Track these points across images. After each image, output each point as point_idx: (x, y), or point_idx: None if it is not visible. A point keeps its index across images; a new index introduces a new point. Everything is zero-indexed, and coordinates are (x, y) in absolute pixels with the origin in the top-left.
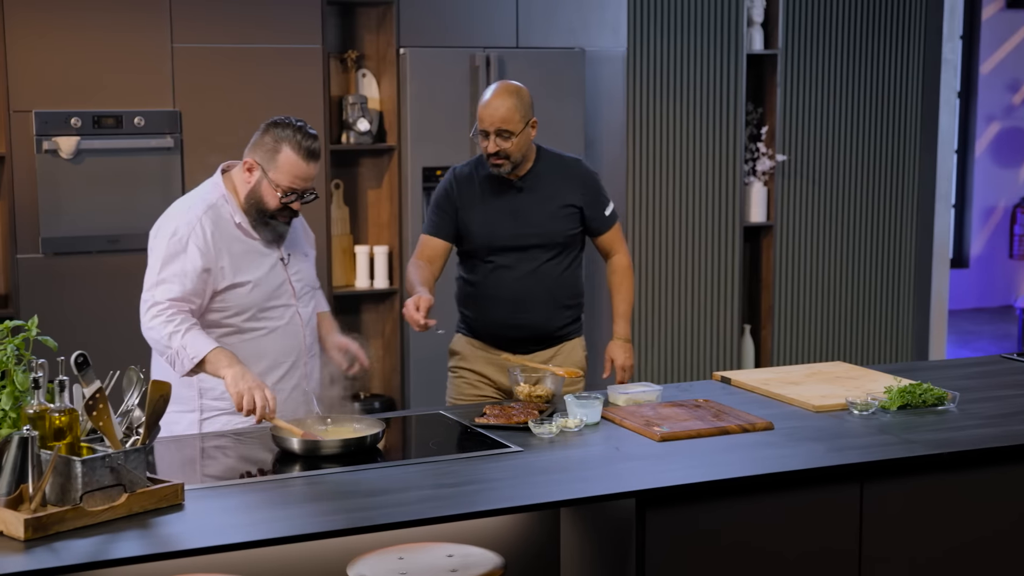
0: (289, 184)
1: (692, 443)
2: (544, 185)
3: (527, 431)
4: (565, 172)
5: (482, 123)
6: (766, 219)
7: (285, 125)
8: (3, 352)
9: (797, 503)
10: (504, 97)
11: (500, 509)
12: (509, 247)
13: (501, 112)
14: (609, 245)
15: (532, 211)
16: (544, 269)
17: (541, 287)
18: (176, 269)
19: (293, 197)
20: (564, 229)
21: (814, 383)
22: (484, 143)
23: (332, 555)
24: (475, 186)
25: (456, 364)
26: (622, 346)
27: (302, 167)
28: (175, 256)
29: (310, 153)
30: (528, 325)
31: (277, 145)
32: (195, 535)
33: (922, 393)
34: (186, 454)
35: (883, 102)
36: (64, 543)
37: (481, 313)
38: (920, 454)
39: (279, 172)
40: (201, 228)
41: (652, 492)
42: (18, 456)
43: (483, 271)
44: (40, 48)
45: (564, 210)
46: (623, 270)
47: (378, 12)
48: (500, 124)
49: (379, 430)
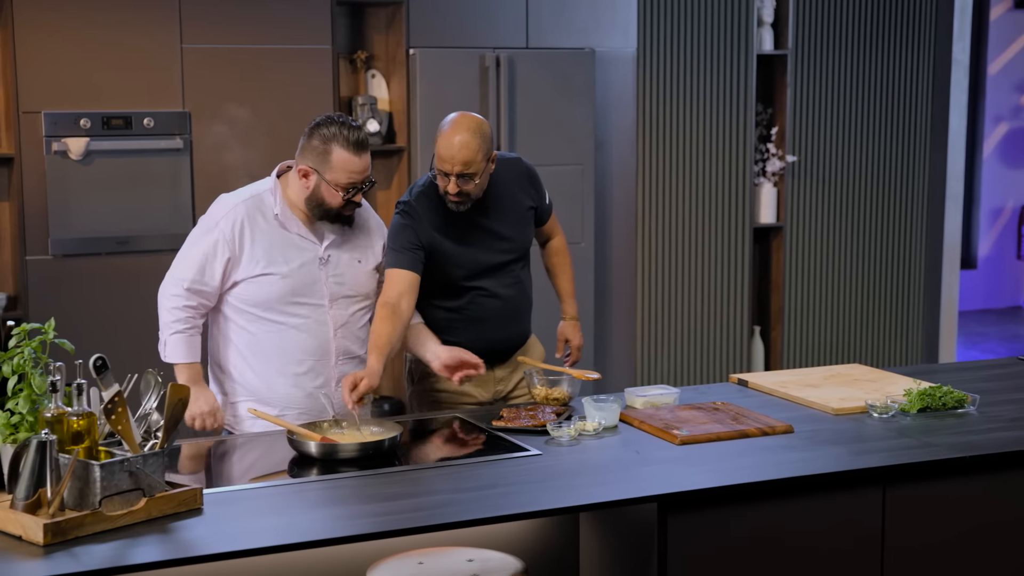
0: (347, 181)
1: (712, 446)
2: (503, 195)
3: (544, 434)
4: (514, 174)
5: (442, 163)
6: (776, 220)
7: (329, 123)
8: (20, 355)
9: (820, 507)
10: (466, 137)
11: (522, 514)
12: (490, 268)
13: (464, 155)
14: (549, 231)
15: (503, 226)
16: (522, 278)
17: (522, 296)
18: (199, 250)
19: (354, 191)
20: (529, 232)
21: (832, 386)
22: (443, 182)
23: (352, 560)
24: (435, 215)
25: (432, 387)
26: (575, 325)
27: (355, 161)
28: (201, 236)
29: (359, 145)
30: (517, 333)
31: (326, 146)
32: (215, 540)
33: (942, 396)
34: (202, 457)
35: (893, 102)
36: (84, 548)
37: (467, 335)
38: (943, 458)
39: (335, 172)
40: (235, 214)
41: (674, 496)
42: (36, 460)
43: (466, 297)
44: (49, 49)
45: (527, 214)
46: (563, 251)
47: (387, 12)
48: (462, 168)
49: (396, 433)
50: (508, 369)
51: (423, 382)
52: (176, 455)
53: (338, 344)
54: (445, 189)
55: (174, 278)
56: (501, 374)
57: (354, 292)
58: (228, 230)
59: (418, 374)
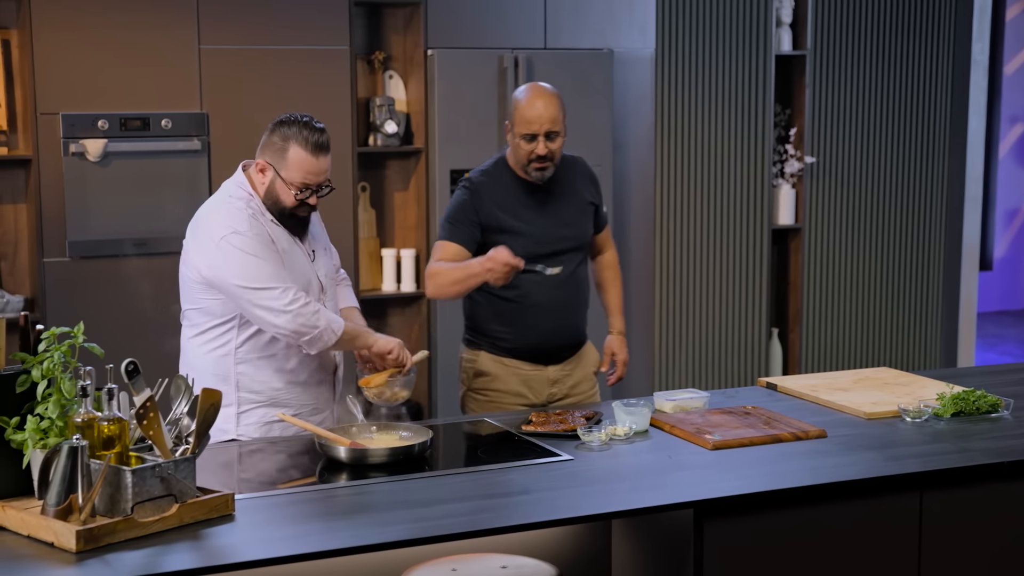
0: (302, 180)
1: (745, 451)
2: (566, 185)
3: (575, 438)
4: (577, 170)
5: (530, 126)
6: (794, 222)
7: (291, 123)
8: (50, 359)
9: (856, 513)
10: (550, 98)
11: (557, 520)
12: (549, 253)
13: (551, 112)
14: (603, 242)
15: (567, 212)
16: (577, 272)
17: (578, 291)
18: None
19: (308, 193)
20: (589, 228)
21: (862, 389)
22: (530, 146)
23: (385, 566)
24: (500, 194)
25: (485, 385)
26: (621, 340)
27: (312, 162)
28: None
29: (318, 147)
30: (571, 330)
31: (285, 144)
32: (248, 547)
33: (976, 400)
34: (229, 462)
35: (912, 103)
36: (116, 555)
37: (522, 326)
38: (981, 463)
39: (290, 170)
40: (252, 223)
41: (711, 502)
42: (67, 466)
43: (524, 282)
44: (67, 51)
45: (588, 208)
46: (615, 266)
47: (405, 13)
48: (550, 125)
49: (427, 438)
50: (562, 371)
51: (476, 380)
52: (206, 460)
53: (337, 359)
54: (533, 153)
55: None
56: (555, 375)
57: (331, 282)
58: (259, 231)
59: (472, 372)
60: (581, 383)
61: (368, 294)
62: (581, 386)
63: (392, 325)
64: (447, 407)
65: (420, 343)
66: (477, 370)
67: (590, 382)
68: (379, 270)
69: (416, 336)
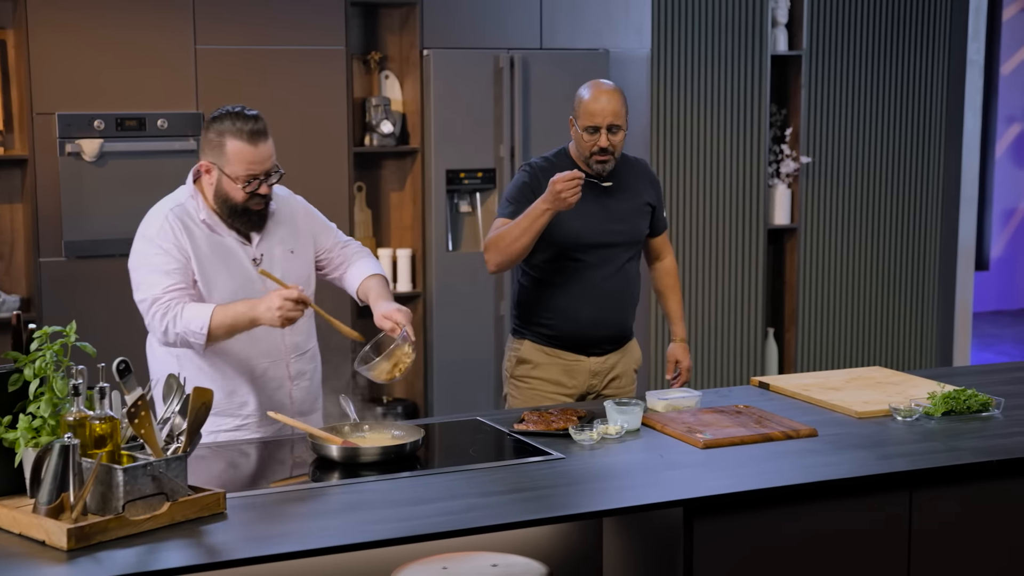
0: (246, 172)
1: (736, 450)
2: (626, 183)
3: (567, 437)
4: (638, 170)
5: (593, 119)
6: (790, 221)
7: (223, 116)
8: (42, 358)
9: (846, 511)
10: (613, 93)
11: (549, 518)
12: (598, 244)
13: (613, 106)
14: (661, 247)
15: (620, 208)
16: (626, 268)
17: (625, 286)
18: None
19: (256, 183)
20: (644, 227)
21: (854, 388)
22: (592, 138)
23: (375, 564)
24: None
25: (527, 373)
26: (684, 347)
27: (251, 151)
28: (151, 256)
29: (253, 135)
30: (615, 323)
31: (220, 139)
32: (240, 545)
33: (966, 399)
34: (221, 461)
35: (908, 103)
36: (107, 553)
37: (566, 314)
38: (970, 461)
39: (232, 164)
40: (169, 225)
41: (700, 500)
42: (59, 465)
43: (570, 270)
44: (63, 51)
45: (645, 208)
46: (675, 273)
47: (401, 13)
48: (612, 119)
49: (419, 437)
50: (604, 364)
51: (519, 367)
52: (198, 459)
53: (287, 343)
54: (595, 146)
55: (146, 299)
56: (595, 367)
57: (293, 282)
58: (171, 241)
59: (515, 360)
60: (621, 377)
61: None
62: (621, 380)
63: None
64: (442, 406)
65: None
66: (520, 358)
67: (630, 378)
68: None
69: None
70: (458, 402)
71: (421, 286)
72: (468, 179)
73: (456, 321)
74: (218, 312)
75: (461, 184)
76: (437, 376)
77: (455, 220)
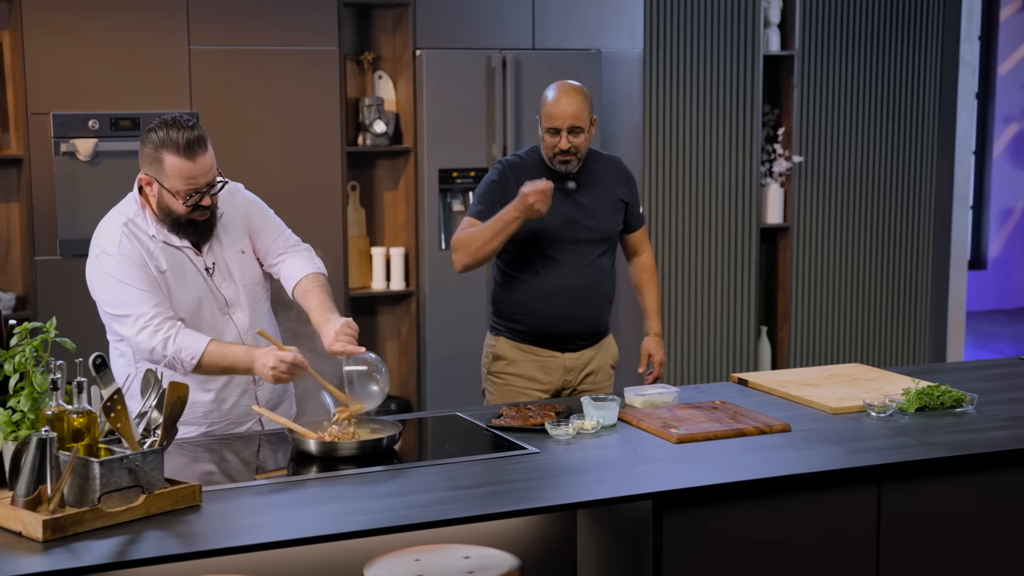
0: (185, 187)
1: (709, 445)
2: (596, 180)
3: (543, 433)
4: (611, 168)
5: (553, 121)
6: (783, 220)
7: (158, 127)
8: (22, 354)
9: (815, 505)
10: (574, 95)
11: (518, 511)
12: (567, 240)
13: (574, 109)
14: (637, 243)
15: (590, 205)
16: (597, 263)
17: (597, 284)
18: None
19: (198, 196)
20: (616, 224)
21: (832, 385)
22: (553, 140)
23: (349, 556)
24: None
25: (502, 369)
26: (658, 342)
27: (189, 166)
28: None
29: (190, 148)
30: (587, 319)
31: (157, 153)
32: (213, 536)
33: (940, 395)
34: (200, 455)
35: (900, 103)
36: (83, 544)
37: (536, 310)
38: (938, 456)
39: (171, 179)
40: (128, 240)
41: (669, 494)
42: (36, 457)
43: (540, 266)
44: (58, 51)
45: (616, 204)
46: (651, 268)
47: (394, 14)
48: (573, 121)
49: (395, 432)
50: (578, 360)
51: (495, 364)
52: (175, 452)
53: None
54: (556, 148)
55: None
56: (570, 363)
57: (249, 282)
58: (133, 253)
59: (491, 357)
60: (596, 373)
61: (357, 292)
62: (596, 376)
63: (381, 323)
64: (435, 403)
65: (409, 341)
66: (496, 354)
67: (606, 373)
68: (368, 268)
69: (405, 334)
70: (450, 399)
71: (414, 284)
72: (461, 178)
73: (448, 319)
74: (213, 349)
75: (454, 183)
76: (430, 373)
77: (448, 219)
